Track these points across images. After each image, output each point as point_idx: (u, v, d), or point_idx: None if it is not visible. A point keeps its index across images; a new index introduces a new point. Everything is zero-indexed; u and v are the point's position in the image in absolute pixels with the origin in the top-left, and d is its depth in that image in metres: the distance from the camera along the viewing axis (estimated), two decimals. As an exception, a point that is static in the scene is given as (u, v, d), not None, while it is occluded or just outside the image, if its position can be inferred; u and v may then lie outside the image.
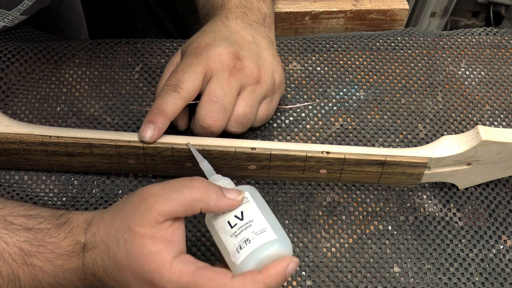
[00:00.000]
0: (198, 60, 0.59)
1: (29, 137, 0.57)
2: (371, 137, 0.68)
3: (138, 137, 0.57)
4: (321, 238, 0.61)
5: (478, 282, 0.59)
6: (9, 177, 0.62)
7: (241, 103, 0.59)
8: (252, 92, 0.60)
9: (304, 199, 0.63)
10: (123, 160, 0.59)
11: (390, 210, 0.63)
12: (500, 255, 0.61)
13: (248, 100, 0.60)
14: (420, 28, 0.81)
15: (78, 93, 0.69)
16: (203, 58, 0.59)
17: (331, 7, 0.78)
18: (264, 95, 0.61)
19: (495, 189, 0.65)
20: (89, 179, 0.63)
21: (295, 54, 0.75)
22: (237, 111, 0.59)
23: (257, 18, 0.66)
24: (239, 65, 0.59)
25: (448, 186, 0.65)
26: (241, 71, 0.59)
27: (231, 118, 0.59)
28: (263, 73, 0.61)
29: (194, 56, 0.59)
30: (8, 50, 0.72)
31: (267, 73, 0.61)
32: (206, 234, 0.60)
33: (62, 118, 0.67)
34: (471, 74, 0.75)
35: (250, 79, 0.60)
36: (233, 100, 0.59)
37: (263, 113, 0.63)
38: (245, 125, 0.60)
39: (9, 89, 0.69)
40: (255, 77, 0.60)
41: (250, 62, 0.60)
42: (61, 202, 0.61)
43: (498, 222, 0.63)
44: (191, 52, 0.60)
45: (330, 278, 0.58)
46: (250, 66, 0.60)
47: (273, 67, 0.62)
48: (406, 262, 0.60)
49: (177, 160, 0.58)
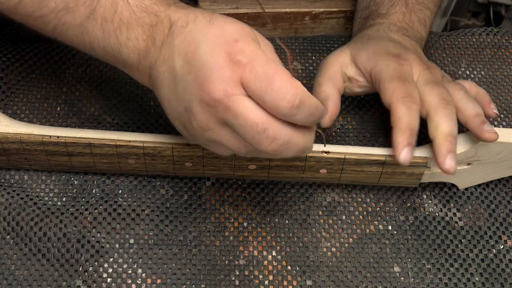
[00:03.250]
0: (407, 69, 0.59)
1: (29, 137, 0.57)
2: (371, 137, 0.68)
3: (138, 137, 0.57)
4: (321, 238, 0.61)
5: (479, 282, 0.59)
6: (9, 177, 0.62)
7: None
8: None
9: (304, 199, 0.63)
10: (123, 160, 0.59)
11: (390, 210, 0.63)
12: (500, 255, 0.61)
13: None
14: (420, 28, 0.80)
15: (78, 92, 0.69)
16: (408, 65, 0.60)
17: (331, 7, 0.77)
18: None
19: (495, 189, 0.65)
20: (89, 179, 0.63)
21: (296, 54, 0.75)
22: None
23: (415, 37, 0.67)
24: (429, 64, 0.62)
25: (448, 186, 0.65)
26: (432, 69, 0.61)
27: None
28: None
29: (399, 66, 0.60)
30: (8, 50, 0.72)
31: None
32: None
33: (62, 118, 0.67)
34: (471, 74, 0.75)
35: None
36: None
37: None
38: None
39: (9, 89, 0.69)
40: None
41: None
42: (61, 202, 0.61)
43: (498, 222, 0.63)
44: (391, 61, 0.60)
45: (330, 278, 0.58)
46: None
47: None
48: (406, 262, 0.60)
49: (177, 160, 0.58)
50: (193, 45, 0.46)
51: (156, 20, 0.49)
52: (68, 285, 0.56)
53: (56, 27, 0.50)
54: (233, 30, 0.46)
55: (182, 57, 0.46)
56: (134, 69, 0.51)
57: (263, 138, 0.45)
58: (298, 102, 0.44)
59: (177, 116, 0.49)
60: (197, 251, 0.59)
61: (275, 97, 0.43)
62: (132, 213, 0.61)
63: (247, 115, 0.44)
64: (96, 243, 0.58)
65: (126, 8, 0.49)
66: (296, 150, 0.47)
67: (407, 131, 0.55)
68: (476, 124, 0.57)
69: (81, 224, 0.59)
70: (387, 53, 0.61)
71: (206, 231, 0.60)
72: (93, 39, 0.50)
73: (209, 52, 0.45)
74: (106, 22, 0.49)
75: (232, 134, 0.46)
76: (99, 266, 0.57)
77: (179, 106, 0.47)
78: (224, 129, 0.46)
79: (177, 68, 0.46)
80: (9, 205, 0.59)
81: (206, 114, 0.45)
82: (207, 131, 0.46)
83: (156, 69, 0.48)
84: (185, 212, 0.61)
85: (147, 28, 0.49)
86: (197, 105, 0.45)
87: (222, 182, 0.63)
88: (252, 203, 0.62)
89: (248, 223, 0.61)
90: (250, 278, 0.58)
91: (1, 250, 0.57)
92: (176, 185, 0.63)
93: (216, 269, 0.58)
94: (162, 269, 0.57)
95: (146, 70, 0.50)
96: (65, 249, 0.57)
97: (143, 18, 0.49)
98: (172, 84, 0.47)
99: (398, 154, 0.55)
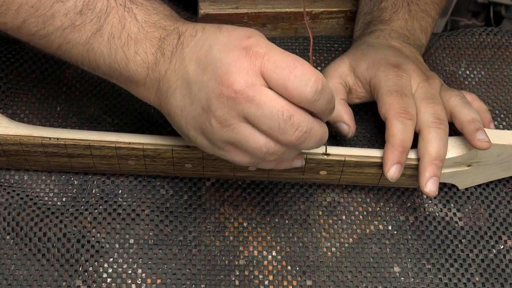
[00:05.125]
0: (405, 81, 0.59)
1: (29, 138, 0.57)
2: (371, 137, 0.68)
3: (138, 138, 0.57)
4: (321, 238, 0.61)
5: (479, 282, 0.59)
6: (9, 177, 0.62)
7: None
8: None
9: (304, 199, 0.63)
10: (123, 161, 0.59)
11: (390, 210, 0.63)
12: (500, 256, 0.61)
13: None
14: (420, 28, 0.80)
15: (78, 92, 0.69)
16: (407, 76, 0.60)
17: (331, 7, 0.77)
18: None
19: (495, 189, 0.65)
20: (89, 179, 0.63)
21: (296, 54, 0.75)
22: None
23: (415, 44, 0.67)
24: (428, 74, 0.62)
25: (448, 186, 0.65)
26: (430, 80, 0.61)
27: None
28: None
29: (398, 77, 0.59)
30: (8, 50, 0.72)
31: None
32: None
33: (62, 118, 0.67)
34: (471, 74, 0.75)
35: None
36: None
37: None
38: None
39: (9, 89, 0.69)
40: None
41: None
42: (61, 202, 0.61)
43: (498, 222, 0.63)
44: (390, 71, 0.60)
45: (330, 278, 0.58)
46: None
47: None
48: (406, 262, 0.60)
49: (177, 161, 0.58)
50: (205, 49, 0.46)
51: (165, 33, 0.49)
52: (68, 285, 0.56)
53: (61, 45, 0.50)
54: (243, 30, 0.46)
55: (194, 62, 0.46)
56: (140, 85, 0.50)
57: (289, 126, 0.44)
58: (320, 87, 0.44)
59: (192, 122, 0.48)
60: (197, 251, 0.59)
61: (298, 83, 0.43)
62: (132, 213, 0.61)
63: (271, 104, 0.44)
64: (96, 243, 0.58)
65: (134, 24, 0.49)
66: (316, 140, 0.47)
67: (399, 149, 0.56)
68: (469, 130, 0.57)
69: (81, 224, 0.59)
70: (386, 63, 0.61)
71: (206, 231, 0.60)
72: (99, 56, 0.50)
73: (223, 49, 0.45)
74: (114, 39, 0.49)
75: (252, 131, 0.45)
76: (99, 266, 0.57)
77: (195, 109, 0.47)
78: (244, 125, 0.45)
79: (190, 72, 0.46)
80: (9, 205, 0.59)
81: (226, 108, 0.44)
82: (227, 127, 0.45)
83: (167, 80, 0.48)
84: (185, 212, 0.61)
85: (156, 41, 0.49)
86: (215, 100, 0.45)
87: (222, 182, 0.63)
88: (252, 203, 0.62)
89: (248, 223, 0.61)
90: (250, 278, 0.58)
91: (1, 250, 0.57)
92: (176, 185, 0.63)
93: (216, 269, 0.58)
94: (162, 269, 0.57)
95: (154, 84, 0.49)
96: (65, 249, 0.57)
97: (152, 32, 0.49)
98: (185, 89, 0.47)
99: (386, 171, 0.56)
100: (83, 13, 0.48)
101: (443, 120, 0.57)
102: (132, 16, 0.49)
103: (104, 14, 0.48)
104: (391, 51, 0.63)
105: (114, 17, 0.48)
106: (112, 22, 0.48)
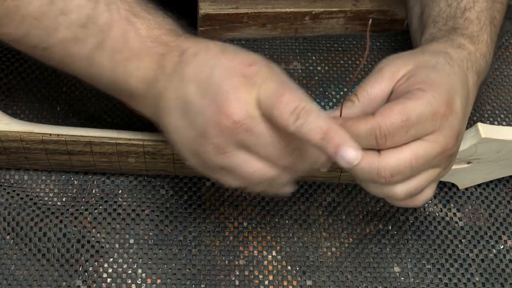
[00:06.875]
0: (434, 123, 0.48)
1: (29, 135, 0.57)
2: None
3: (138, 135, 0.57)
4: (321, 238, 0.61)
5: (479, 282, 0.59)
6: (9, 177, 0.62)
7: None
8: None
9: (304, 199, 0.63)
10: (123, 158, 0.59)
11: (390, 210, 0.63)
12: (500, 256, 0.61)
13: None
14: (420, 28, 0.80)
15: (78, 92, 0.69)
16: (442, 122, 0.48)
17: (331, 7, 0.77)
18: None
19: (495, 189, 0.65)
20: (89, 179, 0.63)
21: (296, 54, 0.75)
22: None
23: (480, 80, 0.57)
24: (456, 140, 0.50)
25: (448, 186, 0.65)
26: (450, 151, 0.50)
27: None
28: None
29: (444, 115, 0.48)
30: (8, 50, 0.72)
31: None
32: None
33: (62, 118, 0.67)
34: (471, 74, 0.75)
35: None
36: None
37: None
38: None
39: (9, 89, 0.69)
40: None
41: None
42: (61, 202, 0.61)
43: (498, 222, 0.63)
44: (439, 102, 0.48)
45: (330, 278, 0.58)
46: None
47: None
48: (406, 262, 0.60)
49: (178, 158, 0.58)
50: (206, 71, 0.46)
51: (167, 49, 0.48)
52: (68, 285, 0.56)
53: (63, 58, 0.50)
54: (247, 57, 0.46)
55: (194, 84, 0.46)
56: (139, 99, 0.50)
57: (289, 151, 0.45)
58: (302, 114, 0.43)
59: (187, 144, 0.48)
60: (197, 251, 0.59)
61: (282, 110, 0.43)
62: (132, 213, 0.61)
63: (270, 133, 0.44)
64: (96, 243, 0.58)
65: (137, 39, 0.48)
66: (311, 161, 0.47)
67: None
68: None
69: (81, 224, 0.59)
70: (446, 93, 0.49)
71: (206, 231, 0.60)
72: (101, 69, 0.49)
73: (225, 75, 0.45)
74: (116, 53, 0.48)
75: (247, 157, 0.46)
76: (99, 266, 0.57)
77: (191, 132, 0.47)
78: (239, 152, 0.46)
79: (189, 94, 0.46)
80: (9, 205, 0.60)
81: (223, 137, 0.45)
82: (223, 154, 0.46)
83: (166, 97, 0.48)
84: (185, 212, 0.61)
85: (157, 57, 0.48)
86: (213, 128, 0.45)
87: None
88: (252, 203, 0.62)
89: (248, 223, 0.61)
90: (250, 278, 0.58)
91: (1, 250, 0.57)
92: (176, 185, 0.63)
93: (216, 269, 0.58)
94: (162, 269, 0.57)
95: (153, 100, 0.49)
96: (65, 249, 0.57)
97: (154, 48, 0.48)
98: (183, 110, 0.47)
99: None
100: (86, 26, 0.48)
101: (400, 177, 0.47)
102: (135, 30, 0.48)
103: (107, 27, 0.48)
104: (461, 87, 0.51)
105: (117, 31, 0.48)
106: (114, 36, 0.48)
